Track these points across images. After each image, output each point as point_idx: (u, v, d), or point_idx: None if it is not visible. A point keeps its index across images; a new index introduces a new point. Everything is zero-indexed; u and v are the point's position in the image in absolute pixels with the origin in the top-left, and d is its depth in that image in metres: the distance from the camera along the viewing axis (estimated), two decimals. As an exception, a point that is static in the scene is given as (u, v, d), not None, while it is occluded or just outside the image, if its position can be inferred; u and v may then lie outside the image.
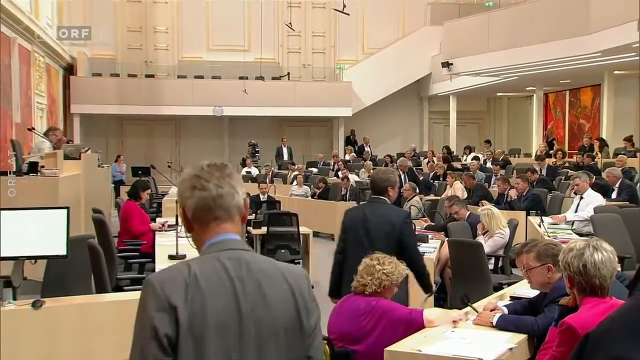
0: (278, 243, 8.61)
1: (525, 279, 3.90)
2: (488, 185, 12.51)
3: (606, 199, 8.95)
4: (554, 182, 12.07)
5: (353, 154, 19.71)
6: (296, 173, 15.48)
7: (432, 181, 13.73)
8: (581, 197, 8.44)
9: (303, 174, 15.40)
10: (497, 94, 23.31)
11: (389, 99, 22.04)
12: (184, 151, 21.96)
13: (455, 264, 6.23)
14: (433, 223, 8.61)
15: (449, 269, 6.38)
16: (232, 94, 20.41)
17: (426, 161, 16.80)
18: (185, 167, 2.20)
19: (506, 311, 3.64)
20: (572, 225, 8.13)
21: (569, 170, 12.91)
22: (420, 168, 15.77)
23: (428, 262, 5.24)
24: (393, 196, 4.68)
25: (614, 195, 9.50)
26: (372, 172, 5.81)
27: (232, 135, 22.53)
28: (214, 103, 20.69)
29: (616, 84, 15.87)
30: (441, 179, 13.28)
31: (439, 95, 22.03)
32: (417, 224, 7.46)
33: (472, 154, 17.78)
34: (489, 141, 20.00)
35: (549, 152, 15.90)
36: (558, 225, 8.11)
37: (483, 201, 9.46)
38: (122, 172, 18.00)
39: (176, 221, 6.28)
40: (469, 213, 7.61)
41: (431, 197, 11.38)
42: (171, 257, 5.59)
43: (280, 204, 11.27)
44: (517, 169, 13.70)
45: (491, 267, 6.42)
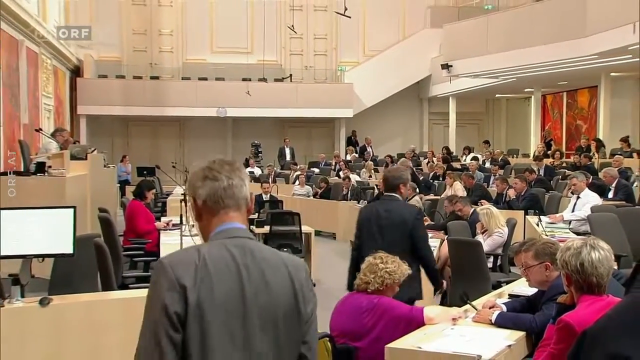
0: (281, 242, 8.67)
1: (523, 277, 3.94)
2: (487, 185, 12.56)
3: (603, 199, 8.99)
4: (552, 182, 12.12)
5: (354, 154, 19.74)
6: (298, 173, 15.52)
7: (432, 181, 13.77)
8: (578, 197, 8.45)
9: (305, 174, 15.46)
10: (496, 96, 23.32)
11: (390, 100, 22.07)
12: (188, 152, 21.96)
13: (454, 263, 6.26)
14: (433, 222, 8.68)
15: (449, 268, 6.41)
16: (236, 96, 20.46)
17: (426, 161, 16.84)
18: (189, 168, 2.30)
19: (505, 309, 3.66)
20: (570, 224, 8.13)
21: (567, 170, 12.95)
22: (420, 168, 15.79)
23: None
24: (405, 193, 4.78)
25: (611, 194, 9.55)
26: (384, 171, 5.87)
27: (236, 136, 22.57)
28: (218, 104, 20.75)
29: (613, 86, 15.89)
30: (441, 179, 13.30)
31: (439, 96, 22.04)
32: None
33: (472, 155, 17.84)
34: (488, 142, 20.07)
35: (547, 153, 15.95)
36: (556, 224, 8.11)
37: (482, 201, 9.47)
38: (128, 172, 18.14)
39: (180, 220, 6.35)
40: (473, 210, 7.65)
41: (431, 197, 11.41)
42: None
43: (282, 204, 11.32)
44: (516, 169, 13.75)
45: (490, 266, 6.46)
